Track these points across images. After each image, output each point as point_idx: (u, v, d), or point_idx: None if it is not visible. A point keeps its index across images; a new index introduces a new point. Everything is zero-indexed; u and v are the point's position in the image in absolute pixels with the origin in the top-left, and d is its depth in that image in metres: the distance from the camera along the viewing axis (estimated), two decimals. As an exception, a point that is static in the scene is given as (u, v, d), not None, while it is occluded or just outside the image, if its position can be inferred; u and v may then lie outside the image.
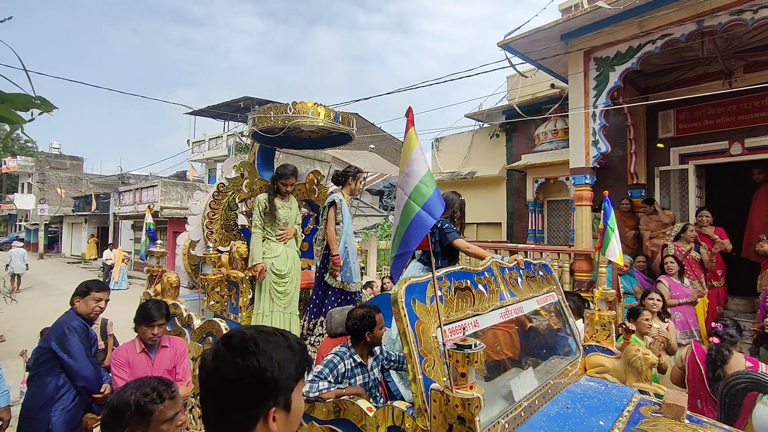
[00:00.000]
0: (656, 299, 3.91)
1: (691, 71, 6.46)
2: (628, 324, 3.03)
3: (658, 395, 2.40)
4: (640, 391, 2.40)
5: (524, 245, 7.19)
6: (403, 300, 1.78)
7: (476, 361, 1.50)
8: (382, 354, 2.62)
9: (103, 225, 23.40)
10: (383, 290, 6.15)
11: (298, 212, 4.03)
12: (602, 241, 3.49)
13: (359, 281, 3.95)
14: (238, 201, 4.28)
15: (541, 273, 2.84)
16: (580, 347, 2.79)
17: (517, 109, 7.94)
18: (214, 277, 3.84)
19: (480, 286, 2.18)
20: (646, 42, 4.99)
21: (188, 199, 15.90)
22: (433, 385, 1.64)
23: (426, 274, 2.03)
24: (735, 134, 6.22)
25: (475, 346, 1.52)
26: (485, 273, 2.28)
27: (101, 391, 2.81)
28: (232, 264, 3.94)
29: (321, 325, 3.61)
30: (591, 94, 5.50)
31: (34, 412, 2.67)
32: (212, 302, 3.84)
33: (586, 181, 5.52)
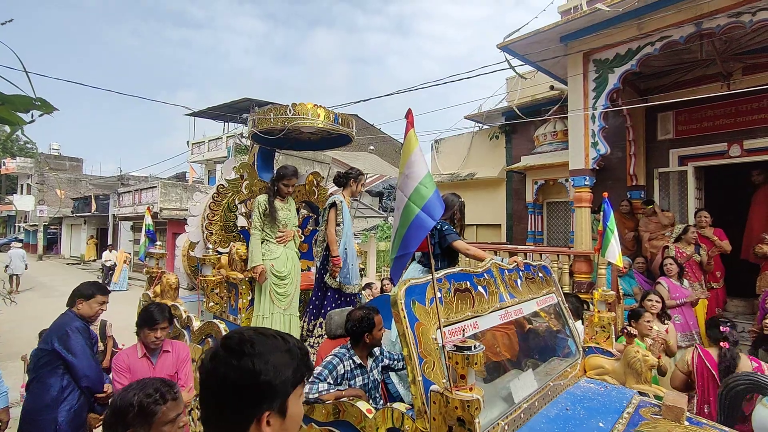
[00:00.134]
0: (655, 300, 3.91)
1: (690, 73, 6.47)
2: (630, 329, 3.02)
3: (657, 397, 2.39)
4: (640, 393, 2.39)
5: (524, 247, 7.18)
6: (403, 301, 1.78)
7: (476, 363, 1.50)
8: (382, 354, 2.62)
9: (103, 226, 23.39)
10: (383, 292, 6.14)
11: (296, 214, 4.04)
12: (602, 242, 3.48)
13: (359, 283, 3.94)
14: (237, 202, 4.27)
15: (541, 274, 2.83)
16: (580, 349, 2.79)
17: (517, 111, 7.95)
18: (214, 279, 3.83)
19: (479, 288, 2.18)
20: (645, 44, 5.01)
21: (188, 201, 15.89)
22: (433, 387, 1.64)
23: (426, 275, 2.03)
24: (734, 136, 6.23)
25: (475, 347, 1.53)
26: (485, 274, 2.27)
27: (104, 391, 2.85)
28: (232, 265, 3.94)
29: (320, 327, 3.61)
30: (590, 95, 5.51)
31: (37, 414, 2.68)
32: (211, 304, 3.83)
33: (586, 183, 5.53)
